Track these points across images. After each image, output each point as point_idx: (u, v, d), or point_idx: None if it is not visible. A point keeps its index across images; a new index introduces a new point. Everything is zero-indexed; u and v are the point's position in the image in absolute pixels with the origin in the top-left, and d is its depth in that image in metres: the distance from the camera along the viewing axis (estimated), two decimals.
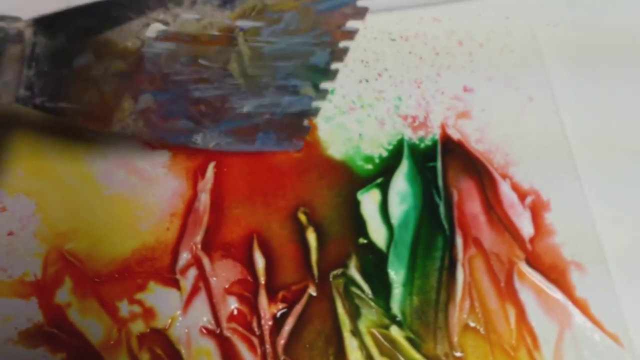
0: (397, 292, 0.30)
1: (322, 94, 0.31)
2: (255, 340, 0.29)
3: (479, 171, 0.32)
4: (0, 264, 0.30)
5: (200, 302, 0.30)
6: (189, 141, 0.30)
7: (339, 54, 0.30)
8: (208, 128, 0.30)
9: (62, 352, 0.29)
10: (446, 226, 0.31)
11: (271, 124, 0.31)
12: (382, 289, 0.30)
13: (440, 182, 0.32)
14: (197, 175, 0.32)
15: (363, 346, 0.29)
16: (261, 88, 0.30)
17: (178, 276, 0.30)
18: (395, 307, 0.30)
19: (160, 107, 0.28)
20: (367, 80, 0.34)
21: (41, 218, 0.31)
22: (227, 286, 0.30)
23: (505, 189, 0.32)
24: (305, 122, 0.32)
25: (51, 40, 0.26)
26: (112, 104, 0.28)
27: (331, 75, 0.31)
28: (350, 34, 0.30)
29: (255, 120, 0.30)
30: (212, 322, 0.29)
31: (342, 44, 0.30)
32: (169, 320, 0.29)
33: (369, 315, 0.30)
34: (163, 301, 0.30)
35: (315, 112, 0.32)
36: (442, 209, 0.32)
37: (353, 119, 0.33)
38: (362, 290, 0.30)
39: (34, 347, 0.29)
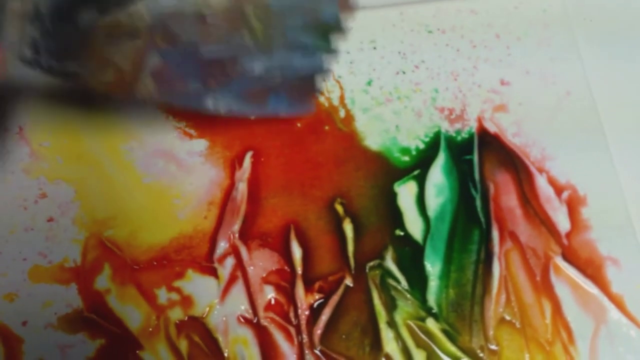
0: (433, 284, 0.30)
1: (333, 53, 0.30)
2: (292, 330, 0.30)
3: (515, 165, 0.32)
4: (40, 249, 0.30)
5: (238, 291, 0.30)
6: (200, 105, 0.29)
7: (349, 7, 0.30)
8: (219, 91, 0.29)
9: (101, 338, 0.29)
10: (482, 219, 0.31)
11: (283, 86, 0.30)
12: (418, 281, 0.30)
13: (476, 175, 0.32)
14: (234, 164, 0.32)
15: (399, 337, 0.29)
16: (271, 46, 0.29)
17: (216, 265, 0.30)
18: (432, 299, 0.30)
19: (169, 67, 0.28)
20: (404, 72, 0.34)
21: (80, 205, 0.31)
22: (264, 275, 0.30)
23: (541, 183, 0.32)
24: (317, 82, 0.31)
25: None
26: (121, 65, 0.27)
27: (341, 30, 0.30)
28: None
29: (267, 83, 0.30)
30: (250, 311, 0.30)
31: None
32: (207, 309, 0.30)
33: (405, 307, 0.30)
34: (201, 289, 0.30)
35: (327, 72, 0.31)
36: (478, 202, 0.32)
37: (390, 111, 0.33)
38: (398, 282, 0.30)
39: (73, 333, 0.29)
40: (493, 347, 0.30)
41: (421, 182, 0.32)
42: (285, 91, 0.30)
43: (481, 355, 0.29)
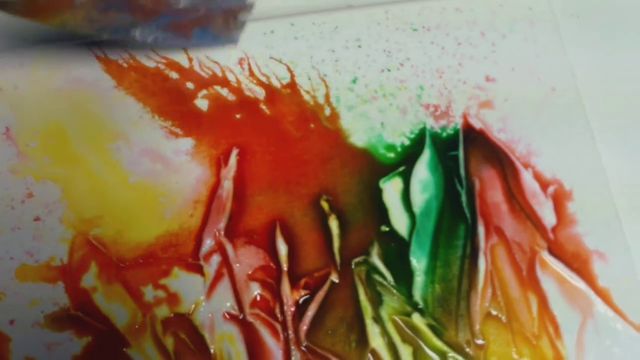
0: (419, 279, 0.30)
1: None
2: (278, 326, 0.30)
3: (500, 160, 0.32)
4: (27, 248, 0.30)
5: (224, 288, 0.30)
6: (128, 36, 0.30)
7: None
8: (145, 22, 0.30)
9: (87, 336, 0.29)
10: (468, 215, 0.31)
11: (207, 19, 0.31)
12: (404, 277, 0.30)
13: (462, 171, 0.32)
14: (220, 162, 0.32)
15: (385, 333, 0.29)
16: None
17: (202, 262, 0.30)
18: (417, 294, 0.30)
19: (98, 0, 0.29)
20: (389, 70, 0.34)
21: (67, 204, 0.31)
22: (250, 272, 0.30)
23: (527, 178, 0.32)
24: (240, 17, 0.32)
25: None
26: None
27: None
28: None
29: (192, 15, 0.31)
30: (235, 307, 0.30)
31: None
32: (193, 306, 0.30)
33: (391, 302, 0.30)
34: (187, 286, 0.30)
35: (250, 6, 0.32)
36: (464, 198, 0.32)
37: (375, 108, 0.33)
38: (384, 278, 0.30)
39: (60, 331, 0.29)
40: (479, 341, 0.29)
41: (406, 178, 0.32)
42: (209, 24, 0.32)
43: (468, 349, 0.29)
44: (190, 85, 0.33)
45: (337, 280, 0.30)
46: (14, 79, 0.33)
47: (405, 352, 0.29)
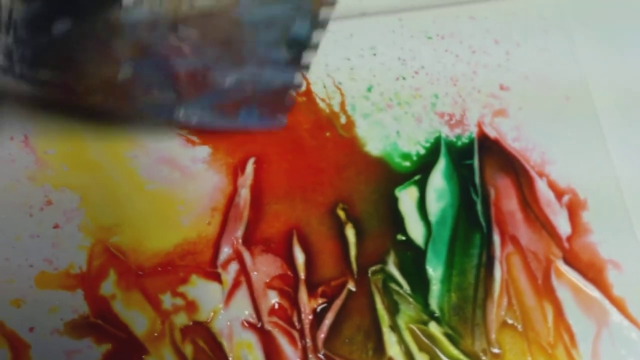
0: (435, 288, 0.31)
1: (305, 67, 0.30)
2: (296, 334, 0.30)
3: (515, 169, 0.33)
4: (46, 256, 0.31)
5: (242, 296, 0.30)
6: (171, 116, 0.30)
7: (321, 24, 0.29)
8: (190, 102, 0.29)
9: (107, 343, 0.29)
10: (483, 224, 0.32)
11: (254, 99, 0.30)
12: (420, 285, 0.31)
13: (477, 180, 0.32)
14: (237, 171, 0.32)
15: (402, 341, 0.30)
16: (242, 60, 0.29)
17: (219, 270, 0.31)
18: (434, 303, 0.30)
19: (140, 78, 0.28)
20: (403, 78, 0.34)
21: (85, 212, 0.31)
22: (267, 280, 0.31)
23: (542, 187, 0.32)
24: (288, 97, 0.31)
25: (28, 6, 0.25)
26: (93, 75, 0.28)
27: (313, 46, 0.30)
28: (331, 2, 0.29)
29: (238, 95, 0.30)
30: (254, 315, 0.30)
31: (323, 12, 0.29)
32: (211, 314, 0.30)
33: (408, 311, 0.30)
34: (205, 294, 0.30)
35: (298, 85, 0.31)
36: (479, 207, 0.32)
37: (390, 116, 0.34)
38: (401, 286, 0.31)
39: (79, 338, 0.30)
40: (496, 350, 0.30)
41: (422, 187, 0.32)
42: (256, 104, 0.31)
43: (484, 358, 0.30)
44: None
45: (354, 289, 0.30)
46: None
47: None
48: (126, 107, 0.29)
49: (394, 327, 0.30)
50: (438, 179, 0.32)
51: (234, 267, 0.31)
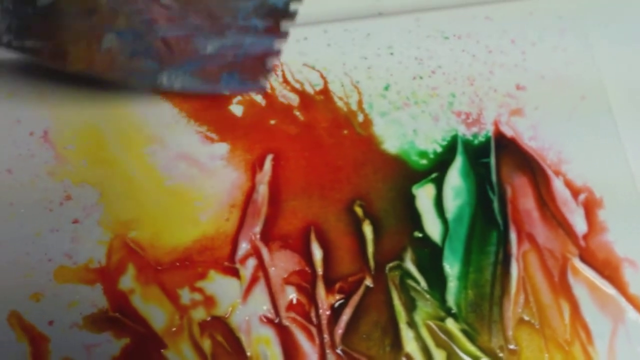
0: (452, 285, 0.31)
1: (283, 34, 0.32)
2: (314, 330, 0.30)
3: (532, 168, 0.33)
4: (65, 250, 0.31)
5: (260, 292, 0.30)
6: (155, 82, 0.31)
7: None
8: (172, 69, 0.30)
9: (126, 337, 0.30)
10: (500, 221, 0.32)
11: (234, 65, 0.31)
12: (437, 282, 0.31)
13: (494, 178, 0.33)
14: (255, 167, 0.32)
15: (419, 337, 0.30)
16: (223, 28, 0.30)
17: (238, 265, 0.31)
18: (451, 300, 0.31)
19: (124, 46, 0.29)
20: (420, 77, 0.35)
21: (105, 207, 0.32)
22: (285, 276, 0.31)
23: (558, 186, 0.32)
24: (268, 63, 0.32)
25: None
26: (77, 43, 0.28)
27: (290, 15, 0.31)
28: None
29: (219, 61, 0.31)
30: (272, 311, 0.30)
31: None
32: (230, 309, 0.30)
33: (425, 307, 0.30)
34: (223, 290, 0.30)
35: (277, 53, 0.32)
36: (496, 205, 0.32)
37: (407, 115, 0.34)
38: (418, 283, 0.31)
39: (98, 332, 0.30)
40: (512, 347, 0.30)
41: (439, 184, 0.32)
42: (237, 70, 0.32)
43: (501, 355, 0.30)
44: None
45: (371, 285, 0.31)
46: (53, 83, 0.33)
47: (439, 356, 0.30)
48: (110, 74, 0.30)
49: (411, 324, 0.30)
50: (455, 177, 0.33)
51: (252, 262, 0.31)
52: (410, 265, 0.31)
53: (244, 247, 0.31)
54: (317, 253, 0.31)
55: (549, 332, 0.30)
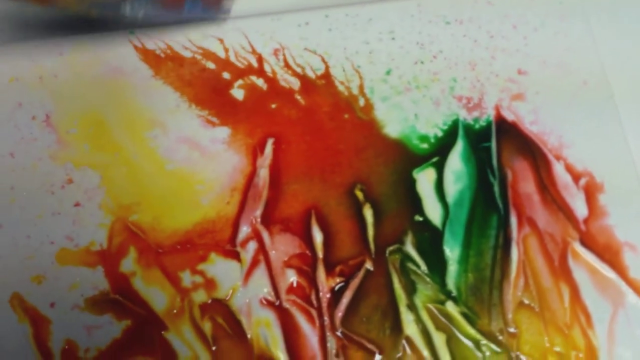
0: (452, 269, 0.31)
1: None
2: (314, 312, 0.30)
3: (533, 152, 0.33)
4: (67, 233, 0.31)
5: (260, 274, 0.31)
6: (118, 12, 0.30)
7: None
8: None
9: (127, 319, 0.30)
10: (500, 205, 0.32)
11: None
12: (437, 266, 0.31)
13: (494, 162, 0.33)
14: (256, 151, 0.32)
15: (419, 320, 0.30)
16: None
17: (238, 249, 0.31)
18: (451, 283, 0.31)
19: None
20: (422, 62, 0.35)
21: (106, 190, 0.32)
22: (286, 259, 0.31)
23: (559, 170, 0.32)
24: None
25: None
26: None
27: None
28: None
29: None
30: (272, 293, 0.30)
31: None
32: (230, 291, 0.30)
33: (425, 290, 0.30)
34: (224, 272, 0.31)
35: None
36: (496, 189, 0.32)
37: (409, 99, 0.34)
38: (418, 266, 0.31)
39: (99, 314, 0.30)
40: (512, 330, 0.30)
41: (440, 168, 0.32)
42: None
43: (500, 338, 0.30)
44: (226, 75, 0.34)
45: (371, 268, 0.31)
46: (54, 67, 0.33)
47: (439, 339, 0.30)
48: (73, 5, 0.29)
49: (411, 306, 0.30)
50: (456, 161, 0.33)
51: (252, 245, 0.31)
52: (410, 249, 0.31)
53: (244, 230, 0.31)
54: (318, 236, 0.31)
55: (548, 315, 0.30)
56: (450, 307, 0.30)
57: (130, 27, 0.33)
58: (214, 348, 0.30)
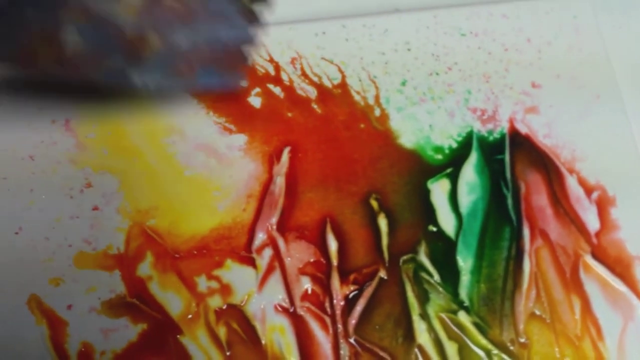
0: (465, 279, 0.31)
1: (259, 24, 0.30)
2: (328, 320, 0.30)
3: (546, 165, 0.33)
4: (85, 237, 0.31)
5: (275, 281, 0.31)
6: (126, 81, 0.28)
7: None
8: (144, 66, 0.28)
9: (143, 323, 0.30)
10: (513, 217, 0.32)
11: (210, 59, 0.30)
12: (450, 276, 0.31)
13: (508, 174, 0.33)
14: (272, 159, 0.33)
15: (431, 329, 0.30)
16: (192, 16, 0.28)
17: (254, 255, 0.31)
18: (463, 293, 0.31)
19: (89, 45, 0.27)
20: (437, 74, 0.35)
21: (124, 195, 0.32)
22: (300, 266, 0.31)
23: (571, 183, 0.33)
24: (246, 54, 0.30)
25: None
26: (43, 46, 0.27)
27: (267, 1, 0.30)
28: None
29: (193, 55, 0.29)
30: (287, 300, 0.31)
31: None
32: (245, 297, 0.31)
33: (437, 300, 0.31)
34: (239, 278, 0.31)
35: (253, 40, 0.30)
36: (509, 201, 0.32)
37: (424, 110, 0.34)
38: (431, 276, 0.31)
39: (116, 317, 0.30)
40: (523, 340, 0.30)
41: (454, 179, 0.33)
42: (214, 64, 0.30)
43: (511, 348, 0.30)
44: (243, 82, 0.34)
45: (385, 277, 0.31)
46: None
47: (451, 348, 0.30)
48: (81, 75, 0.28)
49: (424, 315, 0.31)
50: (469, 173, 0.33)
51: (268, 252, 0.31)
52: (424, 259, 0.31)
53: (260, 237, 0.32)
54: (333, 244, 0.31)
55: (559, 327, 0.30)
56: (462, 316, 0.31)
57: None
58: (228, 353, 0.30)
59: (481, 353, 0.30)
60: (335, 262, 0.31)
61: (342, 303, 0.31)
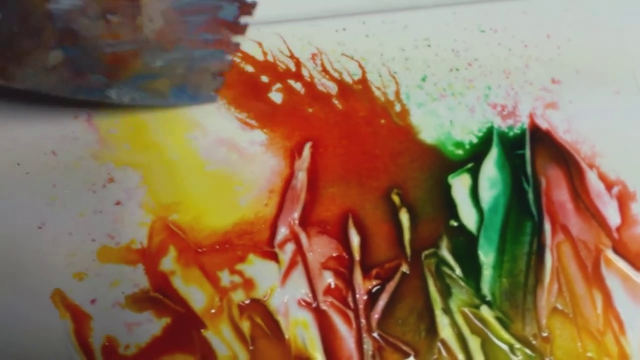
0: (487, 273, 0.31)
1: (234, 47, 0.31)
2: (351, 314, 0.31)
3: (566, 160, 0.33)
4: (108, 231, 0.31)
5: (298, 276, 0.31)
6: (104, 96, 0.30)
7: (247, 8, 0.30)
8: (121, 83, 0.30)
9: (166, 317, 0.30)
10: (534, 212, 0.32)
11: (184, 79, 0.31)
12: (472, 270, 0.31)
13: (528, 170, 0.33)
14: (294, 154, 0.33)
15: (454, 324, 0.30)
16: (172, 42, 0.30)
17: (276, 250, 0.31)
18: (485, 288, 0.31)
19: (71, 62, 0.28)
20: (457, 69, 0.35)
21: (147, 190, 0.32)
22: (323, 261, 0.31)
23: (592, 179, 0.33)
24: (218, 75, 0.32)
25: None
26: (25, 61, 0.28)
27: (240, 29, 0.31)
28: None
29: (168, 75, 0.31)
30: (309, 295, 0.31)
31: None
32: (268, 291, 0.31)
33: (460, 294, 0.31)
34: (262, 273, 0.31)
35: (228, 65, 0.32)
36: (530, 196, 0.33)
37: (444, 106, 0.34)
38: (453, 271, 0.31)
39: (140, 311, 0.30)
40: (545, 335, 0.30)
41: (475, 175, 0.33)
42: (187, 83, 0.31)
43: (534, 342, 0.30)
44: (264, 78, 0.34)
45: (407, 272, 0.31)
46: None
47: (474, 343, 0.30)
48: (59, 90, 0.29)
49: (447, 310, 0.31)
50: (490, 168, 0.33)
51: (290, 247, 0.32)
52: (445, 253, 0.31)
53: (282, 232, 0.32)
54: (355, 239, 0.32)
55: (581, 321, 0.30)
56: (484, 311, 0.31)
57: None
58: (251, 347, 0.30)
59: (504, 347, 0.30)
60: (357, 256, 0.31)
61: (364, 298, 0.31)
